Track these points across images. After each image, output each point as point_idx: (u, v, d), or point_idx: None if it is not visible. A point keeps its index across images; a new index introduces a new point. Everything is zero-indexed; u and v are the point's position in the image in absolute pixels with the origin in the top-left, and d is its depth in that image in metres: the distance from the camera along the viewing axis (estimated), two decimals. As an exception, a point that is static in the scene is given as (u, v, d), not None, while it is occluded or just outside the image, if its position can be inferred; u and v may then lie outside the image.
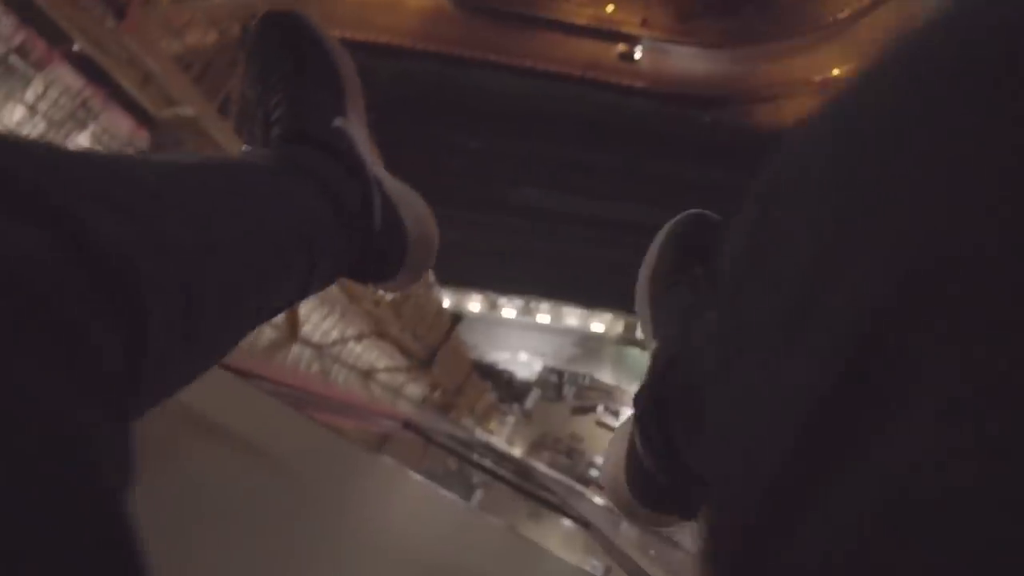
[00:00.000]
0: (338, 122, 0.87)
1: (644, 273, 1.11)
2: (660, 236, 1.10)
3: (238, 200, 0.62)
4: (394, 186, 0.98)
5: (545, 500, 4.39)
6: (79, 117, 4.78)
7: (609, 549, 2.58)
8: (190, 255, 0.48)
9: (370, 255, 0.90)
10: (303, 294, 0.75)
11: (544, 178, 28.70)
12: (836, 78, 28.58)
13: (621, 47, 29.90)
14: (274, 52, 0.89)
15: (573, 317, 38.77)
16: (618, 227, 30.32)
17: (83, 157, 0.44)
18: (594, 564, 2.77)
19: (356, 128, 0.91)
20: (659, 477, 0.89)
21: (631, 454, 0.99)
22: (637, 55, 30.29)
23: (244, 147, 0.95)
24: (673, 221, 1.10)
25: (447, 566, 1.20)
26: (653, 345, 1.05)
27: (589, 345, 39.91)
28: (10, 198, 0.33)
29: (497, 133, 28.30)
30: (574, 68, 29.37)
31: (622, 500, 1.01)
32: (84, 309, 0.34)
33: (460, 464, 5.56)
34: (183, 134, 5.01)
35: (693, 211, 1.08)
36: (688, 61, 30.28)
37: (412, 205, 1.04)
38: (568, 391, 41.18)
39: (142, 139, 5.08)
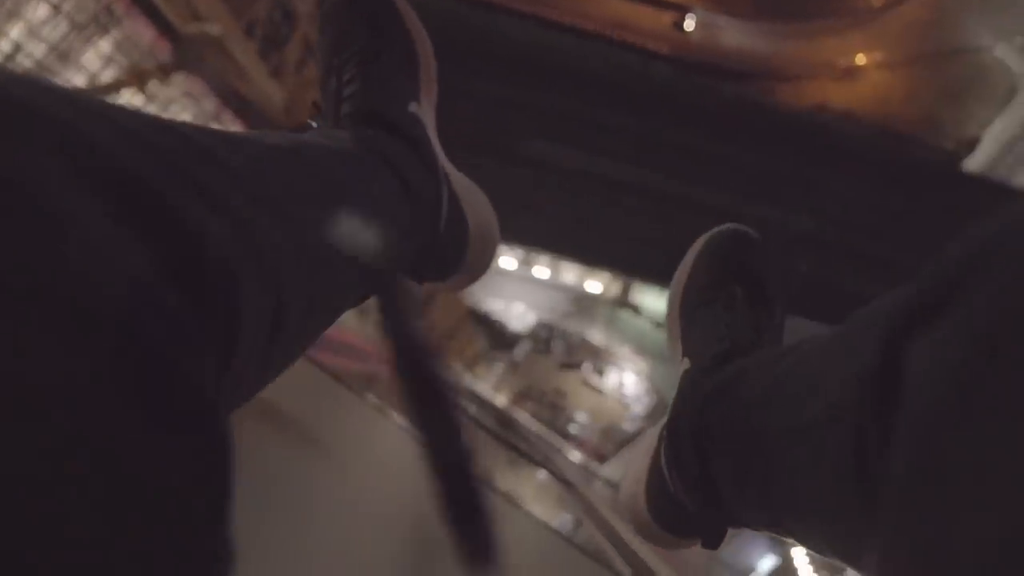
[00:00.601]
0: (413, 107, 0.85)
1: (677, 286, 1.07)
2: (696, 248, 1.07)
3: (326, 197, 0.60)
4: (459, 181, 0.95)
5: (523, 451, 4.44)
6: (102, 21, 4.68)
7: (585, 507, 2.64)
8: (283, 260, 0.46)
9: (431, 253, 0.87)
10: (375, 292, 0.74)
11: (557, 133, 28.40)
12: (860, 65, 28.19)
13: (671, 15, 29.31)
14: (352, 23, 0.85)
15: (571, 274, 38.75)
16: (626, 190, 30.14)
17: (163, 123, 0.40)
18: (564, 518, 2.83)
19: (428, 115, 0.89)
20: (686, 504, 0.86)
21: (654, 474, 0.95)
22: (689, 26, 29.54)
23: (312, 122, 0.88)
24: (709, 235, 1.06)
25: (422, 510, 1.22)
26: (684, 363, 1.01)
27: (583, 304, 39.97)
28: (86, 167, 0.29)
29: (514, 83, 27.92)
30: (602, 26, 28.92)
31: (639, 519, 0.98)
32: (182, 340, 0.31)
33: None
34: (206, 51, 4.89)
35: (732, 226, 1.05)
36: (716, 31, 29.82)
37: (476, 203, 1.01)
38: (557, 346, 41.47)
39: (163, 51, 4.98)
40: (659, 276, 34.88)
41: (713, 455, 0.77)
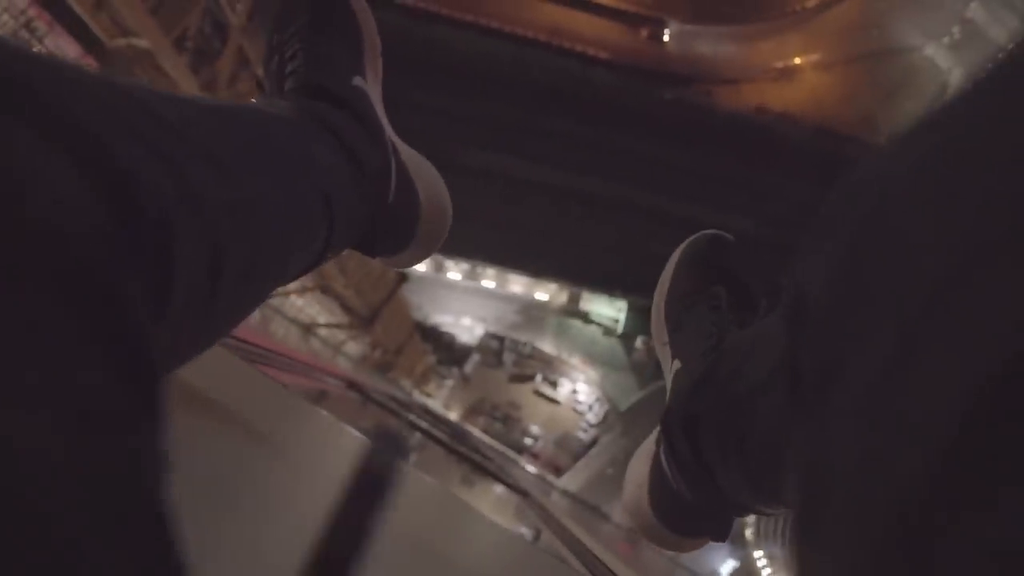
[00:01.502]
0: (357, 81, 0.83)
1: (660, 292, 1.10)
2: (675, 256, 1.09)
3: (265, 155, 0.58)
4: (409, 154, 0.94)
5: (479, 465, 4.45)
6: (22, 37, 4.52)
7: (544, 516, 2.65)
8: (220, 213, 0.45)
9: (382, 226, 0.85)
10: (318, 262, 0.72)
11: (499, 142, 28.44)
12: (796, 66, 28.98)
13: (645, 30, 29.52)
14: (294, 0, 0.84)
15: (518, 285, 38.88)
16: (569, 197, 30.33)
17: (102, 76, 0.40)
18: (523, 531, 2.84)
19: (373, 89, 0.88)
20: (689, 498, 0.87)
21: (656, 475, 0.97)
22: (666, 37, 29.74)
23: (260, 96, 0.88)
24: (688, 241, 1.08)
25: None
26: (674, 365, 1.02)
27: (532, 314, 40.14)
28: (35, 114, 0.30)
29: (455, 93, 27.88)
30: (541, 33, 29.05)
31: (646, 524, 0.99)
32: (123, 275, 0.32)
33: (397, 424, 5.59)
34: (135, 66, 4.76)
35: (709, 232, 1.08)
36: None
37: (426, 176, 1.00)
38: (508, 358, 41.51)
39: (90, 67, 4.83)
40: (606, 283, 35.24)
41: (702, 435, 0.80)
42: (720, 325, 0.93)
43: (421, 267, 37.37)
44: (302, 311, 13.00)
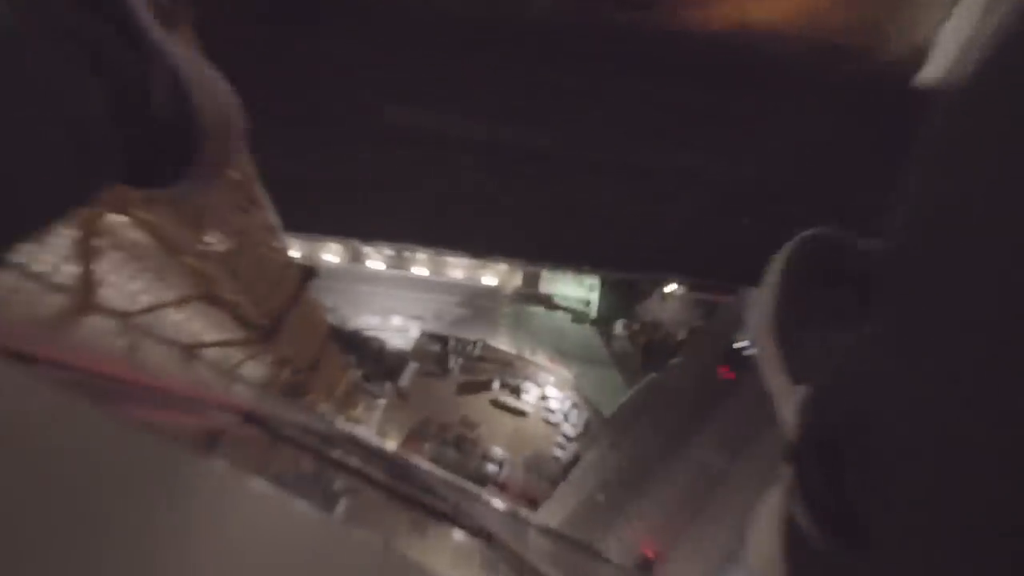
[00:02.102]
0: None
1: (764, 310, 1.13)
2: (777, 265, 1.13)
3: None
4: (188, 64, 0.92)
5: (430, 507, 4.41)
6: None
7: (519, 565, 2.64)
8: None
9: (149, 146, 0.85)
10: (75, 200, 0.72)
11: (420, 93, 28.19)
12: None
13: None
14: None
15: (458, 269, 38.73)
16: (515, 155, 30.25)
17: None
18: (494, 583, 2.81)
19: None
20: (835, 555, 0.85)
21: (790, 535, 0.95)
22: None
23: None
24: (791, 246, 1.12)
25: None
26: (797, 391, 1.03)
27: (479, 304, 39.99)
28: None
29: (363, 39, 27.66)
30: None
31: None
32: None
33: (318, 465, 5.50)
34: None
35: (815, 232, 1.10)
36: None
37: (209, 89, 0.97)
38: (454, 363, 41.26)
39: None
40: (570, 257, 35.34)
41: (846, 467, 0.81)
42: (856, 332, 0.92)
43: (333, 257, 37.01)
44: (181, 328, 12.75)
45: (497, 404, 39.08)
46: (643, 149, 30.42)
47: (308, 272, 16.96)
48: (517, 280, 39.54)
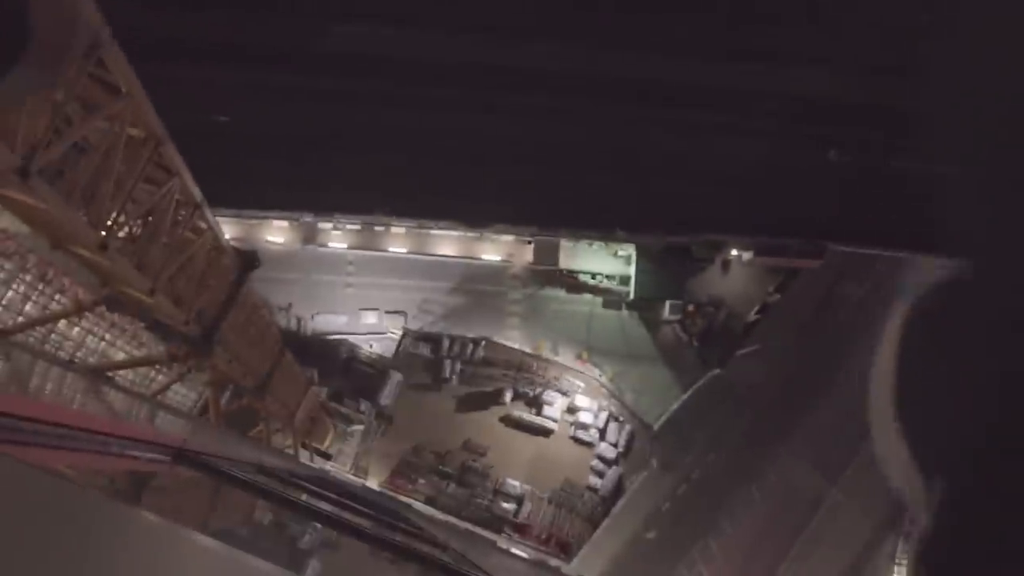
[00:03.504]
0: None
1: (883, 380, 1.45)
2: (895, 324, 1.43)
3: None
4: None
5: (428, 561, 4.36)
6: None
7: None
8: None
9: None
10: None
11: (373, 7, 28.19)
12: None
13: None
14: None
15: (448, 245, 38.53)
16: (514, 82, 30.13)
17: None
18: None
19: None
20: None
21: None
22: None
23: None
24: (911, 304, 1.41)
25: None
26: (925, 489, 1.30)
27: (479, 290, 39.77)
28: None
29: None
30: None
31: None
32: None
33: (278, 513, 5.45)
34: None
35: (935, 279, 1.37)
36: None
37: None
38: (451, 371, 41.17)
39: None
40: (597, 219, 35.17)
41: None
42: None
43: (279, 238, 36.91)
44: (83, 346, 12.74)
45: (511, 422, 39.19)
46: (690, 57, 30.23)
47: (248, 260, 17.04)
48: (528, 255, 39.51)
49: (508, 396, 39.54)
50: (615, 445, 39.69)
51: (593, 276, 40.28)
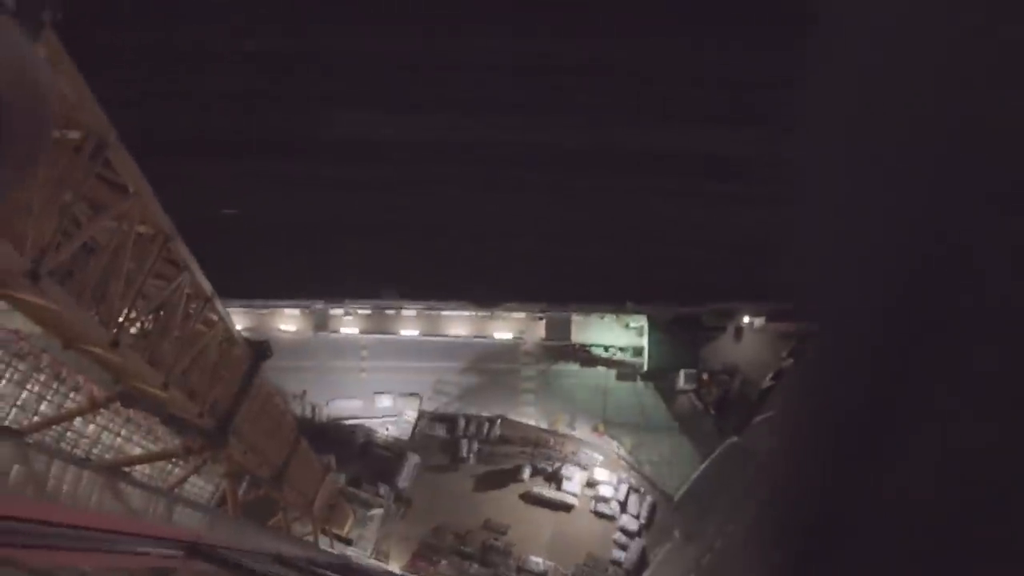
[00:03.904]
0: None
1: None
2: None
3: None
4: None
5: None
6: None
7: None
8: None
9: None
10: None
11: (371, 95, 28.45)
12: None
13: None
14: None
15: (460, 324, 38.65)
16: (519, 157, 30.31)
17: None
18: None
19: None
20: None
21: None
22: None
23: None
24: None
25: None
26: None
27: (492, 368, 39.79)
28: None
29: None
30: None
31: None
32: None
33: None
34: None
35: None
36: None
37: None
38: (468, 451, 41.02)
39: None
40: (608, 292, 35.22)
41: None
42: None
43: (291, 327, 37.03)
44: (100, 442, 12.76)
45: (531, 498, 38.97)
46: (690, 125, 30.38)
47: (260, 350, 17.03)
48: (540, 331, 39.56)
49: (527, 473, 39.34)
50: (637, 517, 39.40)
51: (606, 349, 40.31)
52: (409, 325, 38.02)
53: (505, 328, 39.29)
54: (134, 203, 9.50)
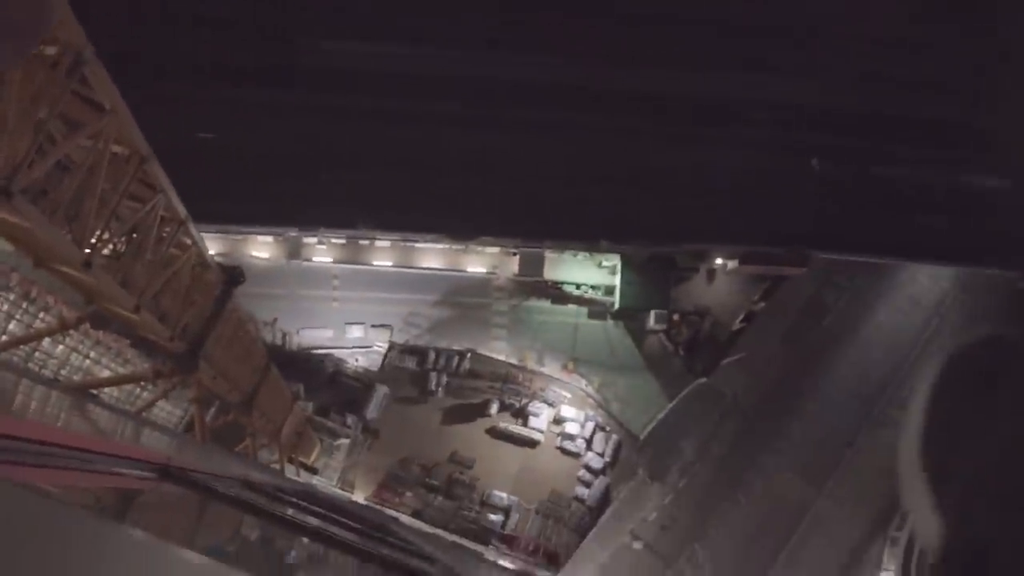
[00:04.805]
0: None
1: (912, 437, 1.44)
2: (930, 377, 1.45)
3: None
4: None
5: (418, 572, 4.38)
6: None
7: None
8: None
9: None
10: None
11: (353, 25, 28.21)
12: None
13: None
14: None
15: (433, 258, 38.53)
16: (500, 94, 30.14)
17: None
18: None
19: None
20: None
21: None
22: None
23: None
24: (947, 357, 1.42)
25: None
26: (934, 529, 1.32)
27: (464, 302, 39.76)
28: None
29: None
30: None
31: None
32: None
33: (264, 528, 5.46)
34: None
35: (980, 337, 1.43)
36: None
37: None
38: (437, 383, 41.09)
39: None
40: (582, 230, 35.15)
41: None
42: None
43: (264, 254, 36.83)
44: (68, 363, 12.72)
45: (497, 433, 39.09)
46: (672, 68, 30.16)
47: (233, 275, 17.00)
48: (513, 266, 39.51)
49: (494, 408, 39.45)
50: (602, 455, 39.62)
51: (578, 287, 40.29)
52: (383, 256, 37.85)
53: (478, 262, 39.21)
54: (110, 121, 9.43)
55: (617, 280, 39.75)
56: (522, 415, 39.56)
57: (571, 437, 39.49)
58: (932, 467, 1.38)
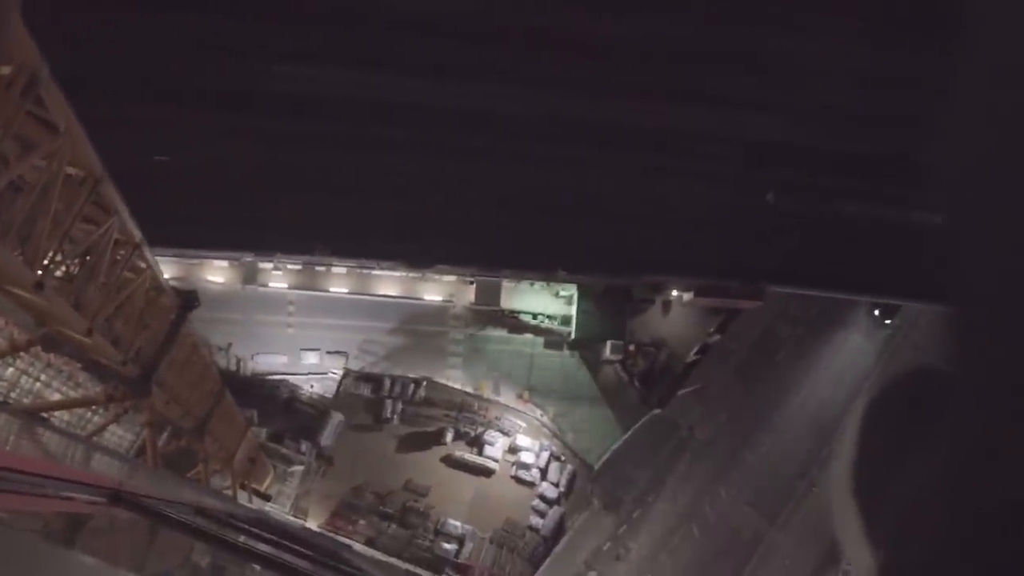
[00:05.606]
0: None
1: (844, 464, 1.53)
2: (863, 404, 1.54)
3: None
4: None
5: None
6: None
7: None
8: None
9: None
10: None
11: (314, 50, 28.25)
12: None
13: None
14: None
15: (390, 284, 38.53)
16: (459, 124, 30.22)
17: None
18: None
19: None
20: None
21: None
22: None
23: None
24: (878, 389, 1.53)
25: None
26: (867, 561, 1.41)
27: (420, 330, 39.77)
28: None
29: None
30: None
31: None
32: None
33: (215, 555, 5.40)
34: None
35: (907, 366, 1.50)
36: None
37: None
38: (392, 411, 40.98)
39: None
40: (539, 260, 35.23)
41: None
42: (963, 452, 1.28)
43: (219, 278, 36.66)
44: (18, 386, 12.57)
45: (452, 462, 39.01)
46: (630, 100, 30.31)
47: (188, 300, 16.86)
48: (469, 295, 39.53)
49: (449, 436, 39.38)
50: (556, 485, 39.61)
51: (534, 316, 40.39)
52: (339, 283, 37.81)
53: (435, 290, 39.24)
54: (64, 142, 9.33)
55: (573, 310, 39.93)
56: (477, 444, 39.50)
57: (526, 466, 39.45)
58: (863, 498, 1.45)
